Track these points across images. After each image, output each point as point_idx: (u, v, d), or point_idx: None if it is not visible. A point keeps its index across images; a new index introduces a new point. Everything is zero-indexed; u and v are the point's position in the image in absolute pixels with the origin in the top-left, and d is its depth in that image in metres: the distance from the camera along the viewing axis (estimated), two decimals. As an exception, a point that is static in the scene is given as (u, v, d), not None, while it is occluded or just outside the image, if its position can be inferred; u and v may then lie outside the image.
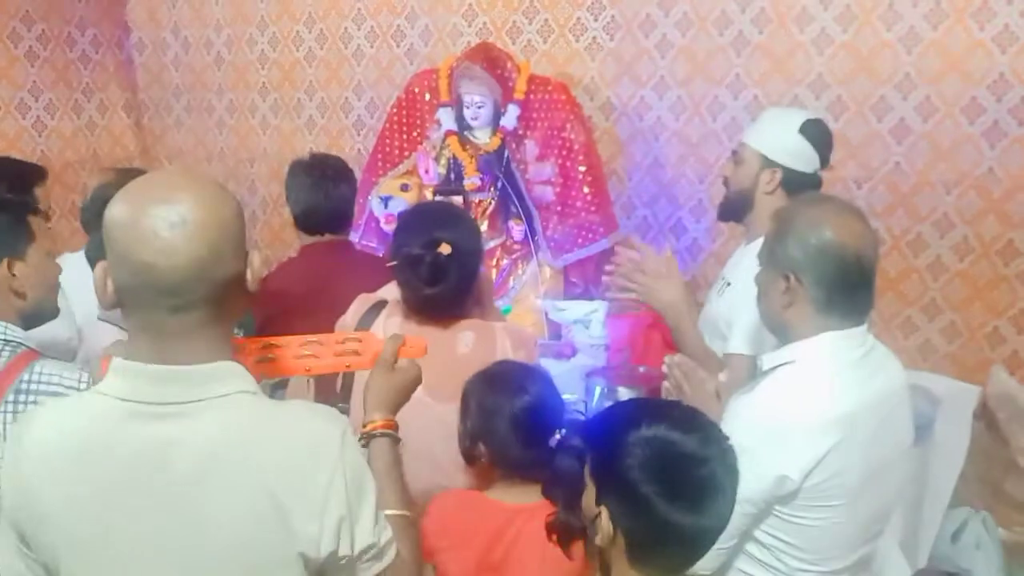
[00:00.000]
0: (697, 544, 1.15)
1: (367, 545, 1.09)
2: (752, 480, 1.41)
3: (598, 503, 1.17)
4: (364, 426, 1.34)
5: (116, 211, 1.03)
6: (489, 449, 1.61)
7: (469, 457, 1.65)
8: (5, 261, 1.65)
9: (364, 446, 1.29)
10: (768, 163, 2.04)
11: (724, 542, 1.45)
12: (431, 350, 1.70)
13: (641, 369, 2.64)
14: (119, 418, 1.04)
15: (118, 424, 1.04)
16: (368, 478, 1.11)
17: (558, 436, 1.55)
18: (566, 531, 1.39)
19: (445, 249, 1.76)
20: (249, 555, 1.04)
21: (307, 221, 2.58)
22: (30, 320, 1.71)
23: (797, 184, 2.02)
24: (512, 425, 1.58)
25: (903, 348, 3.09)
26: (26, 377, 1.59)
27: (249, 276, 1.10)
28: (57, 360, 1.67)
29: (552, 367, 2.76)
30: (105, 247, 1.04)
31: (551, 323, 3.14)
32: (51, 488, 1.05)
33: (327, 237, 2.58)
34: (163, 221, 1.00)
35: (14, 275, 1.66)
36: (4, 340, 1.64)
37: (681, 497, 1.10)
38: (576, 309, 3.06)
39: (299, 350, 1.36)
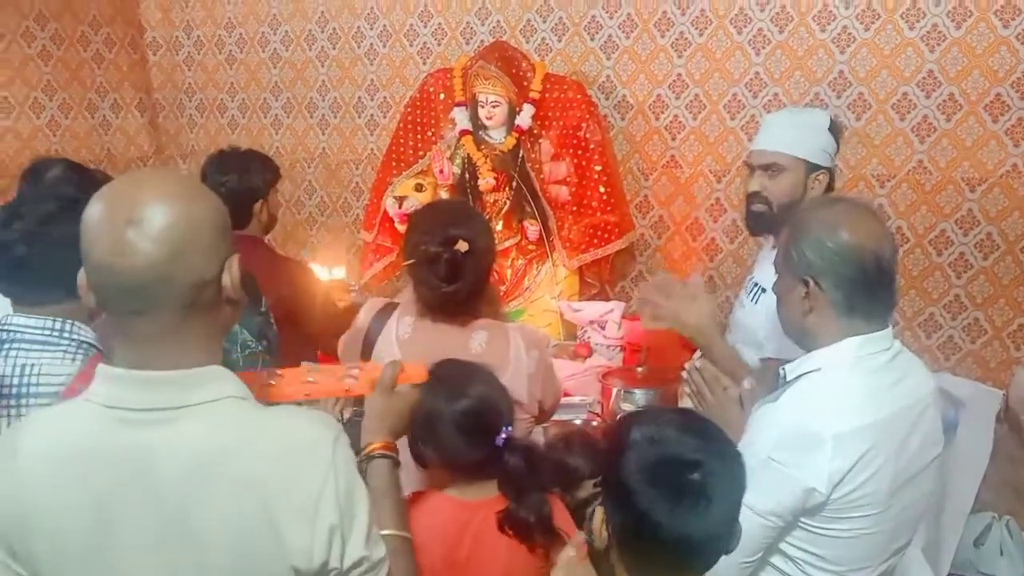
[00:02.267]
0: (684, 552, 1.12)
1: (358, 558, 1.05)
2: (778, 493, 1.38)
3: (600, 504, 1.18)
4: (363, 449, 1.32)
5: (88, 209, 1.01)
6: (436, 453, 1.57)
7: (420, 461, 1.61)
8: None
9: (362, 472, 1.26)
10: (813, 167, 2.03)
11: (749, 556, 1.42)
12: (445, 349, 1.70)
13: (661, 370, 2.61)
14: (105, 425, 1.02)
15: (104, 432, 1.02)
16: (360, 487, 1.08)
17: (503, 435, 1.53)
18: (518, 524, 1.46)
19: (463, 247, 1.76)
20: (241, 566, 1.01)
21: None
22: (95, 311, 1.67)
23: (832, 180, 2.08)
24: (455, 429, 1.54)
25: (926, 347, 3.06)
26: None
27: (227, 282, 1.05)
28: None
29: (567, 368, 2.74)
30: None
31: (566, 324, 3.11)
32: (41, 497, 1.02)
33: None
34: (122, 220, 0.97)
35: None
36: (78, 342, 1.58)
37: (666, 498, 1.08)
38: (592, 309, 3.03)
39: (302, 377, 1.36)
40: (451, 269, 1.76)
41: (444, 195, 3.18)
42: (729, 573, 1.43)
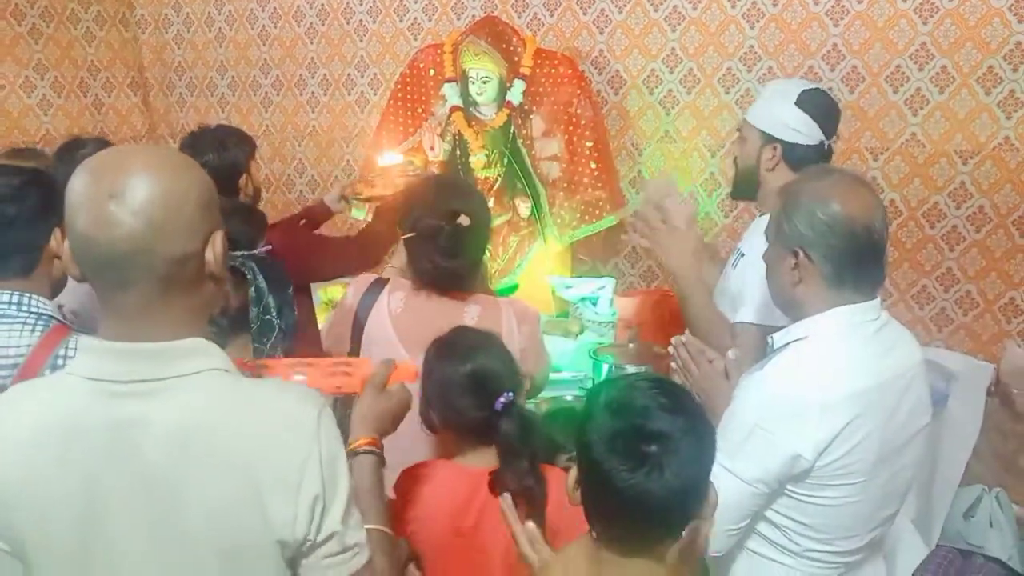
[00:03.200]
0: (647, 517, 1.12)
1: (331, 532, 1.05)
2: (765, 460, 1.39)
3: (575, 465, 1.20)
4: (349, 444, 1.32)
5: (72, 181, 1.01)
6: (440, 415, 1.61)
7: (427, 422, 1.64)
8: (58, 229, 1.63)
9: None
10: (768, 139, 1.98)
11: (736, 523, 1.43)
12: (439, 322, 1.71)
13: (652, 346, 2.61)
14: (87, 398, 1.01)
15: (87, 404, 1.01)
16: (343, 462, 1.08)
17: (503, 399, 1.54)
18: (504, 488, 1.46)
19: (465, 221, 1.76)
20: (226, 538, 1.01)
21: None
22: (58, 285, 1.69)
23: (800, 158, 1.94)
24: (459, 390, 1.57)
25: (919, 318, 3.07)
26: (61, 352, 1.55)
27: (210, 257, 1.04)
28: (90, 334, 1.63)
29: (560, 344, 2.75)
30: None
31: (559, 300, 3.11)
32: (24, 472, 1.02)
33: None
34: (104, 193, 0.97)
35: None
36: (37, 314, 1.59)
37: (625, 466, 1.09)
38: (584, 286, 3.03)
39: (289, 371, 1.36)
40: (452, 243, 1.77)
41: (436, 172, 3.17)
42: (717, 540, 1.43)
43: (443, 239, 1.76)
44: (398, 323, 1.84)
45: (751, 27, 3.07)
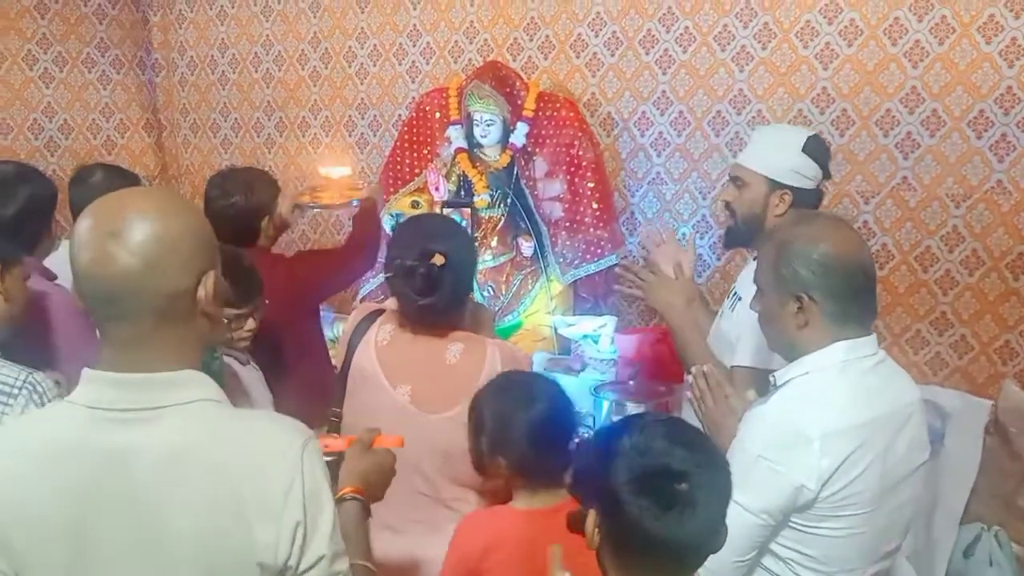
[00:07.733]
0: (672, 556, 1.15)
1: (318, 557, 1.09)
2: (769, 491, 1.41)
3: (587, 506, 1.22)
4: (337, 493, 1.38)
5: (79, 221, 1.09)
6: (508, 461, 1.64)
7: (483, 470, 1.68)
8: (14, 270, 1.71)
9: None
10: (776, 186, 2.02)
11: (743, 555, 1.44)
12: (420, 358, 1.80)
13: (653, 384, 2.64)
14: (83, 425, 1.07)
15: (82, 431, 1.07)
16: (326, 492, 1.12)
17: (577, 440, 1.59)
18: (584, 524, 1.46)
19: (438, 260, 1.80)
20: (209, 561, 1.06)
21: None
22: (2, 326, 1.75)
23: (805, 202, 2.01)
24: (530, 434, 1.62)
25: (913, 363, 3.06)
26: None
27: (201, 295, 1.11)
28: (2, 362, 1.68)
29: (561, 382, 2.76)
30: None
31: (561, 338, 3.14)
32: (17, 496, 1.07)
33: None
34: (102, 231, 1.06)
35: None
36: None
37: (655, 507, 1.11)
38: (585, 324, 3.06)
39: None
40: (426, 282, 1.81)
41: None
42: (724, 573, 1.45)
43: (417, 279, 1.81)
44: (382, 354, 1.89)
45: (740, 70, 3.13)
